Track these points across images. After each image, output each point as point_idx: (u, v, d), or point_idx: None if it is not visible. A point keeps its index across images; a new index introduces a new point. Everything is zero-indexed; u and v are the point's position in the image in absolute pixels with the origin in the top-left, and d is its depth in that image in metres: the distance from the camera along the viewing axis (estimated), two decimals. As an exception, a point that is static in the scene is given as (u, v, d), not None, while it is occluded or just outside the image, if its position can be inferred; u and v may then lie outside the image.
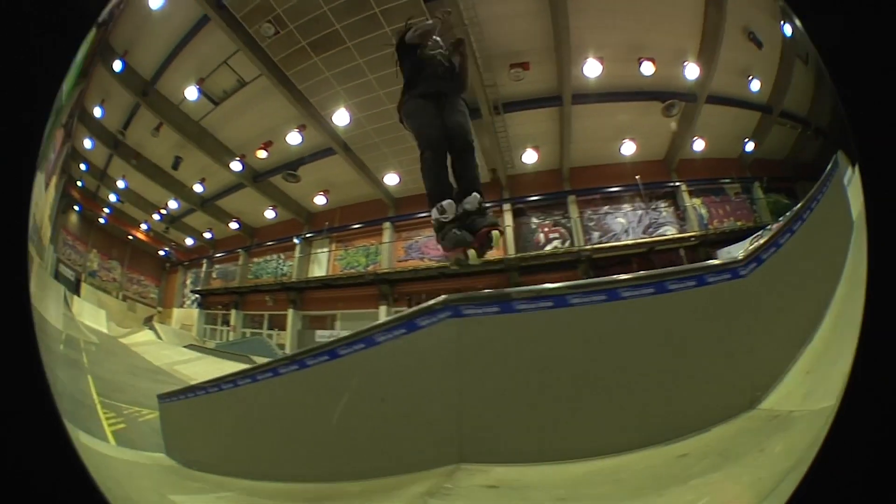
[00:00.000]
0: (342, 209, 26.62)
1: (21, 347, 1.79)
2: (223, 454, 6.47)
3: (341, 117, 19.51)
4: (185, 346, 25.84)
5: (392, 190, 23.88)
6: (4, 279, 1.66)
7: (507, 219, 20.38)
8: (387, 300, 23.05)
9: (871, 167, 1.59)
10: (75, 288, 33.25)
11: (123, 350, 23.05)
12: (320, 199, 26.58)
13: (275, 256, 30.39)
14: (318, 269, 27.59)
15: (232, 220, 30.93)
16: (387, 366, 5.26)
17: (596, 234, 18.91)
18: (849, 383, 1.69)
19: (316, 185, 25.49)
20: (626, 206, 18.85)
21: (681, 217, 18.08)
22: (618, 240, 18.54)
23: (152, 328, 30.66)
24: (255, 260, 31.83)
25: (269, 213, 29.03)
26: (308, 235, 28.14)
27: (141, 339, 28.05)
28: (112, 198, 33.94)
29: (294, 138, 21.55)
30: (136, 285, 38.90)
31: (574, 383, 4.63)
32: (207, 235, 34.87)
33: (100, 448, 6.63)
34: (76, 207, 34.33)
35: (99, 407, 9.92)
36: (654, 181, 18.26)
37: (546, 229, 19.96)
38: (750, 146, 16.74)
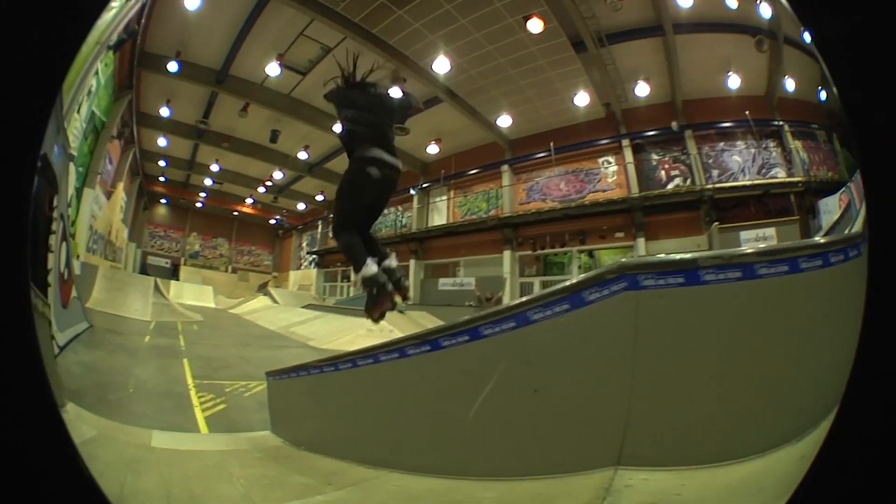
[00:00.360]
0: (457, 156, 26.30)
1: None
2: (336, 437, 5.61)
3: (441, 65, 18.62)
4: (302, 307, 26.12)
5: (506, 132, 23.12)
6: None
7: (628, 155, 19.70)
8: (511, 244, 22.60)
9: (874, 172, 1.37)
10: (172, 273, 34.80)
11: (234, 321, 23.17)
12: (433, 149, 26.11)
13: (393, 209, 30.30)
14: (439, 218, 27.46)
15: None
16: (544, 350, 4.10)
17: (715, 173, 18.12)
18: (849, 383, 1.55)
19: (426, 134, 24.96)
20: (740, 144, 18.08)
21: (787, 159, 17.39)
22: (735, 179, 17.72)
23: (267, 293, 31.37)
24: None
25: (383, 168, 29.44)
26: (425, 185, 28.03)
27: (255, 307, 28.42)
28: (207, 182, 35.43)
29: (395, 92, 20.25)
30: (248, 255, 40.34)
31: (747, 372, 3.47)
32: (319, 198, 34.96)
33: (180, 444, 5.91)
34: (163, 201, 36.12)
35: (193, 392, 9.39)
36: (760, 118, 17.50)
37: (666, 166, 19.16)
38: (823, 95, 16.08)
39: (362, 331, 18.40)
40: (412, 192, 28.34)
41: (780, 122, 17.40)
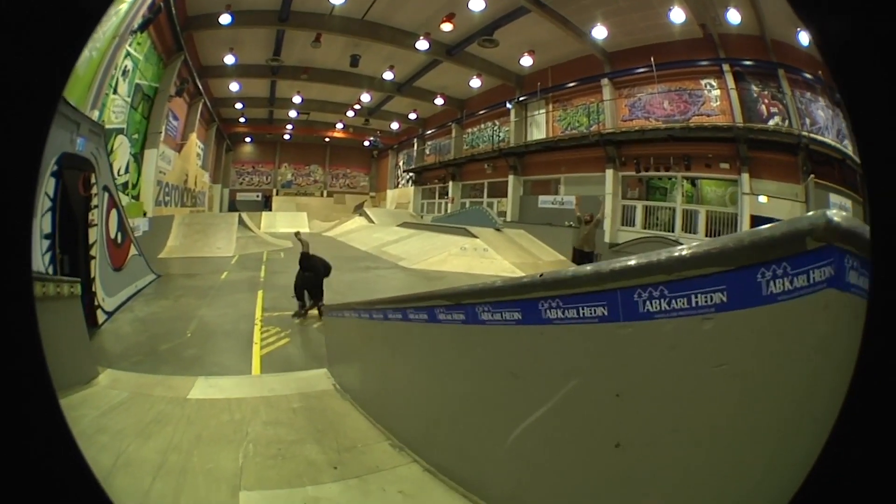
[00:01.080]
0: (553, 68, 24.94)
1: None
2: (372, 396, 5.05)
3: (523, -28, 16.96)
4: (397, 226, 26.33)
5: (603, 44, 21.43)
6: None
7: (729, 81, 18.14)
8: (613, 163, 21.24)
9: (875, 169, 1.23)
10: (264, 205, 36.44)
11: (326, 244, 23.45)
12: (526, 60, 25.04)
13: (489, 124, 30.24)
14: (538, 132, 26.30)
15: (436, 97, 31.19)
16: (651, 377, 2.13)
17: (808, 121, 16.48)
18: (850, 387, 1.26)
19: (517, 46, 24.00)
20: (821, 100, 16.42)
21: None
22: (822, 134, 16.11)
23: (363, 214, 32.17)
24: (469, 130, 32.10)
25: (475, 83, 28.45)
26: (521, 99, 26.91)
27: (350, 228, 28.93)
28: (292, 114, 36.57)
29: (477, 4, 19.66)
30: (343, 178, 41.21)
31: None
32: (412, 116, 35.47)
33: (220, 392, 5.65)
34: (247, 139, 37.89)
35: (258, 327, 9.16)
36: (829, 84, 15.22)
37: (766, 101, 17.50)
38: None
39: (455, 249, 18.39)
40: (508, 105, 27.40)
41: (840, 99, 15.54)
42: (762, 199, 16.65)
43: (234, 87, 29.79)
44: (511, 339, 2.85)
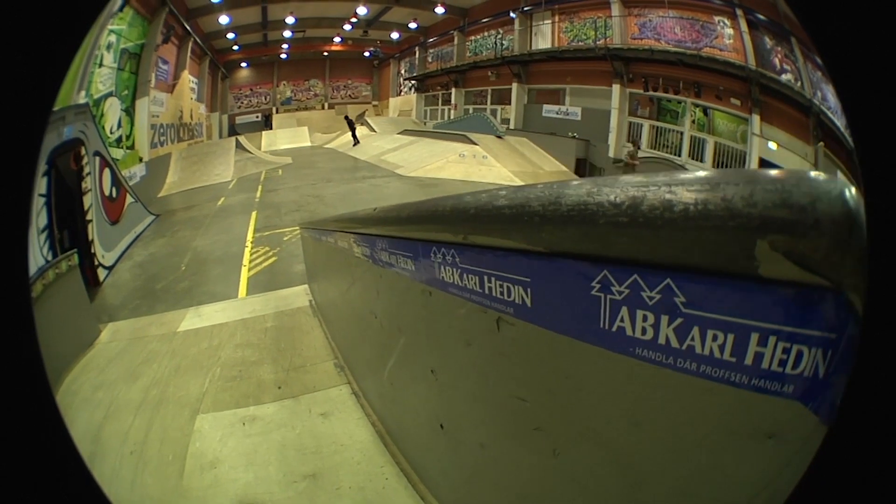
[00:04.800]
0: None
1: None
2: (333, 316, 4.99)
3: None
4: (398, 133, 26.53)
5: (612, -41, 20.82)
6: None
7: (743, 25, 17.49)
8: (621, 79, 20.93)
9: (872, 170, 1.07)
10: (265, 124, 36.40)
11: (326, 156, 24.25)
12: (532, -29, 24.30)
13: (493, 32, 29.70)
14: (543, 42, 25.84)
15: (436, 6, 30.66)
16: None
17: (819, 95, 15.67)
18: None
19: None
20: (831, 87, 15.49)
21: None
22: (835, 115, 15.20)
23: (365, 123, 32.23)
24: (472, 38, 31.67)
25: (478, -8, 28.01)
26: (525, 9, 26.36)
27: (351, 138, 29.21)
28: (286, 34, 36.29)
29: None
30: (344, 90, 40.97)
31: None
32: (412, 25, 35.15)
33: (207, 320, 6.01)
34: (243, 65, 38.65)
35: (248, 250, 9.50)
36: None
37: (780, 56, 16.87)
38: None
39: (454, 156, 18.77)
40: (511, 14, 26.95)
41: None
42: (772, 145, 16.47)
43: (223, 19, 29.34)
44: (368, 275, 2.70)
